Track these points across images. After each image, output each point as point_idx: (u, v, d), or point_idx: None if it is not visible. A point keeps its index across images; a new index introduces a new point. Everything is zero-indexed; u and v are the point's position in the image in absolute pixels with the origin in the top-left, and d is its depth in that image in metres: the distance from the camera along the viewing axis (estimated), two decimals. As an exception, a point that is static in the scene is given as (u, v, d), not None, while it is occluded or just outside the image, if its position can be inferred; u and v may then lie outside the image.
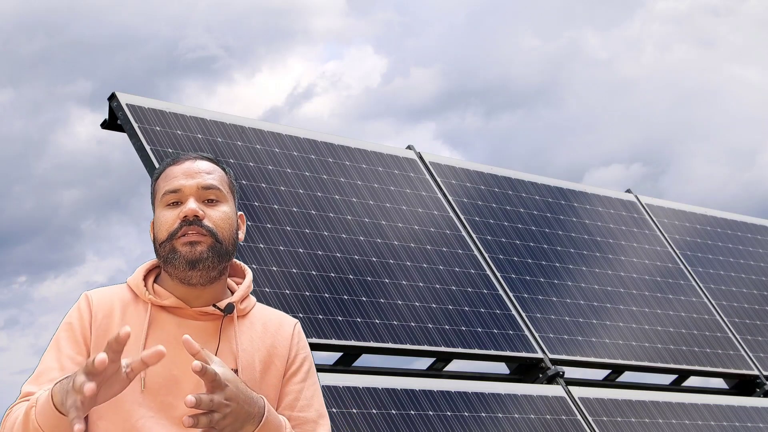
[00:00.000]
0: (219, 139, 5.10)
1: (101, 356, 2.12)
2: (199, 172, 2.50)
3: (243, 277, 2.59)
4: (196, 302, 2.47)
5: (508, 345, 5.35)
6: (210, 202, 2.48)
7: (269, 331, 2.53)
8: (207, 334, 2.46)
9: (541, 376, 5.44)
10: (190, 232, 2.44)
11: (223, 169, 2.55)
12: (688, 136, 14.49)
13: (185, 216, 2.44)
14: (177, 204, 2.47)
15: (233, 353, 2.46)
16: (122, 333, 2.14)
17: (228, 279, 2.56)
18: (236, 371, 2.43)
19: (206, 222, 2.45)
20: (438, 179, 5.88)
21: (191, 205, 2.45)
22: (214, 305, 2.47)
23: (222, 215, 2.48)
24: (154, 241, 2.49)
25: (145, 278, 2.52)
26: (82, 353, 2.43)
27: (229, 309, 2.48)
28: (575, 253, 6.20)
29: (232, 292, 2.55)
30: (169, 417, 2.39)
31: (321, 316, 4.76)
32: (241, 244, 4.81)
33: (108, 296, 2.50)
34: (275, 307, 2.68)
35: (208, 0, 14.76)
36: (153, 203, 2.54)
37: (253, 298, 2.57)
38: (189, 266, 2.43)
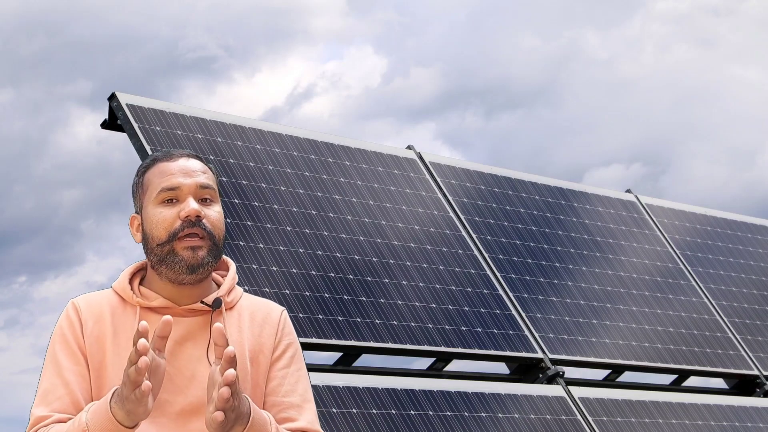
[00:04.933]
0: (219, 139, 5.10)
1: (144, 360, 2.17)
2: (195, 171, 2.50)
3: (226, 269, 2.59)
4: (184, 301, 2.48)
5: (508, 345, 5.35)
6: (205, 201, 2.49)
7: (256, 321, 2.54)
8: (197, 330, 2.47)
9: (541, 376, 5.44)
10: (192, 234, 2.44)
11: (210, 169, 2.56)
12: (688, 136, 14.49)
13: (187, 216, 2.44)
14: (172, 202, 2.47)
15: None
16: (162, 324, 2.24)
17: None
18: None
19: (206, 223, 2.46)
20: (438, 179, 5.88)
21: (193, 205, 2.46)
22: (202, 301, 2.48)
23: (217, 215, 2.49)
24: (148, 238, 2.47)
25: (131, 282, 2.52)
26: (80, 363, 2.44)
27: (217, 304, 2.49)
28: (575, 253, 6.20)
29: (218, 285, 2.56)
30: (165, 414, 2.41)
31: (321, 316, 4.76)
32: (241, 244, 4.82)
33: (96, 301, 2.50)
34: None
35: (208, 0, 14.76)
36: (139, 197, 2.52)
37: (239, 289, 2.58)
38: (189, 271, 2.44)
